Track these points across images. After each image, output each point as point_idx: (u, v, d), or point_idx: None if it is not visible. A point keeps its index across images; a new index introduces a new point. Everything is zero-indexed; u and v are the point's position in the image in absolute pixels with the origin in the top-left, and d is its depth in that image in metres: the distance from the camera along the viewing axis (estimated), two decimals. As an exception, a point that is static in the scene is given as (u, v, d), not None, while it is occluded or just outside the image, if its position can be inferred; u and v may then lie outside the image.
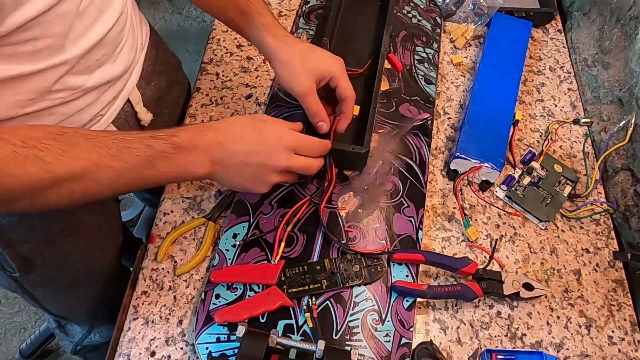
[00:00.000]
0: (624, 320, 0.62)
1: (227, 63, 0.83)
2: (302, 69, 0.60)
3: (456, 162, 0.70)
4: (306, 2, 0.91)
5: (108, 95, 0.58)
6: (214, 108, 0.78)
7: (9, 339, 1.38)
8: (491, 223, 0.69)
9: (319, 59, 0.61)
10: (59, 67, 0.49)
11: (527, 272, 0.65)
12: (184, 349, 0.57)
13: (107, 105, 0.58)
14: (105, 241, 0.72)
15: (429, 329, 0.60)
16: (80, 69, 0.52)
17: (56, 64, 0.48)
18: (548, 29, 0.93)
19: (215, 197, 0.68)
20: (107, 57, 0.55)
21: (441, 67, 0.85)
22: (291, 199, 0.65)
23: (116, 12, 0.54)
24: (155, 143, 0.46)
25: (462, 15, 0.89)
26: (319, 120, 0.62)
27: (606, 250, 0.68)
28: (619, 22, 0.77)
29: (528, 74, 0.86)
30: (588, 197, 0.72)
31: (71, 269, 0.69)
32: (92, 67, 0.53)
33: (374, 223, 0.64)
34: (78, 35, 0.49)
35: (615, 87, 0.76)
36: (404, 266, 0.61)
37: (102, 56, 0.54)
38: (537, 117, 0.80)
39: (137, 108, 0.64)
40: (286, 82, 0.61)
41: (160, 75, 0.70)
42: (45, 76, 0.48)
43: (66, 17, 0.46)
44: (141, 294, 0.61)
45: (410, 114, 0.75)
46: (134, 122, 0.65)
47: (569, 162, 0.75)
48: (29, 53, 0.45)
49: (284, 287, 0.58)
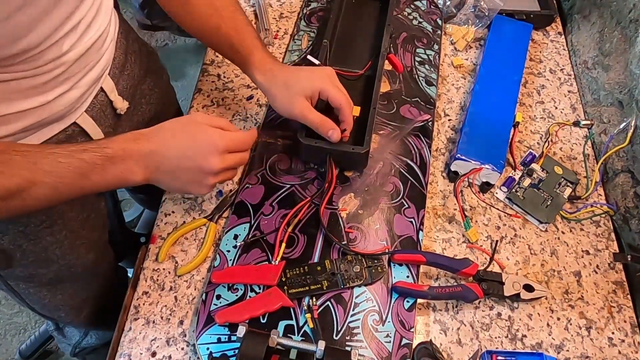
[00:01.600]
0: (624, 322, 0.62)
1: (228, 64, 0.84)
2: (290, 95, 0.63)
3: (457, 164, 0.70)
4: (307, 4, 0.91)
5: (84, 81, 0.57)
6: (215, 109, 0.78)
7: (9, 339, 1.38)
8: (491, 224, 0.69)
9: (303, 80, 0.64)
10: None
11: (528, 274, 0.65)
12: (184, 350, 0.57)
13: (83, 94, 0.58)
14: (89, 236, 0.71)
15: (430, 330, 0.60)
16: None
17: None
18: (548, 31, 0.93)
19: (216, 197, 0.69)
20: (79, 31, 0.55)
21: (442, 69, 0.86)
22: (292, 200, 0.65)
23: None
24: (87, 156, 0.48)
25: (462, 18, 0.90)
26: (326, 130, 0.63)
27: (606, 252, 0.68)
28: (619, 25, 0.77)
29: (528, 76, 0.86)
30: (588, 199, 0.72)
31: (53, 264, 0.68)
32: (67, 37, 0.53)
33: (375, 224, 0.64)
34: None
35: (615, 90, 0.76)
36: (405, 267, 0.61)
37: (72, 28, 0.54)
38: (537, 119, 0.81)
39: (111, 97, 0.64)
40: (283, 111, 0.65)
41: (134, 64, 0.70)
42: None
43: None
44: (142, 294, 0.61)
45: (411, 115, 0.75)
46: (110, 111, 0.65)
47: (569, 164, 0.76)
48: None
49: (285, 288, 0.58)
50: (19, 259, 0.64)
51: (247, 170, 0.69)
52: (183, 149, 0.53)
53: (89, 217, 0.70)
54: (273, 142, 0.71)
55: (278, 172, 0.68)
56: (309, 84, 0.63)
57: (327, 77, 0.65)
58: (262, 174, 0.68)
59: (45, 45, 0.49)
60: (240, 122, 0.76)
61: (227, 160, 0.55)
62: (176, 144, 0.53)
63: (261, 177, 0.68)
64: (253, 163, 0.69)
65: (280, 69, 0.65)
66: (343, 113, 0.64)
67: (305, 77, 0.64)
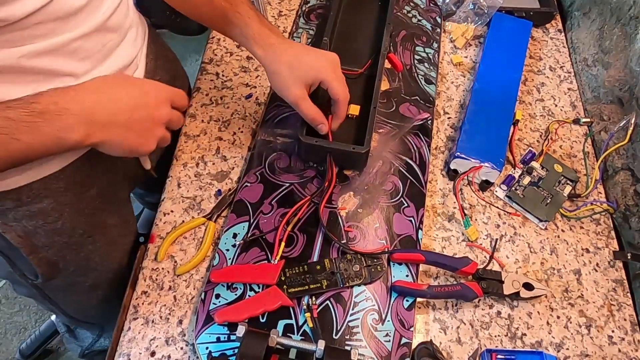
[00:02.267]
0: (624, 320, 0.62)
1: (227, 63, 0.83)
2: (291, 79, 0.61)
3: (456, 162, 0.70)
4: (306, 1, 0.91)
5: None
6: (214, 108, 0.78)
7: (9, 338, 1.38)
8: (491, 223, 0.69)
9: (307, 67, 0.61)
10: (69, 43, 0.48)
11: (527, 272, 0.65)
12: (184, 349, 0.57)
13: None
14: (123, 242, 0.72)
15: (429, 329, 0.60)
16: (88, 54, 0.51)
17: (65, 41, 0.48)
18: (548, 28, 0.93)
19: (215, 196, 0.68)
20: (115, 43, 0.55)
21: (441, 66, 0.85)
22: (291, 198, 0.65)
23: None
24: (12, 113, 0.42)
25: (462, 15, 0.89)
26: (317, 123, 0.64)
27: (606, 250, 0.68)
28: (619, 22, 0.77)
29: (528, 74, 0.86)
30: (588, 197, 0.72)
31: (92, 272, 0.69)
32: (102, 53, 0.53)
33: (374, 223, 0.64)
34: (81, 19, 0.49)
35: (615, 87, 0.76)
36: (404, 266, 0.61)
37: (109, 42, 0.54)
38: (537, 117, 0.80)
39: None
40: (278, 91, 0.63)
41: (162, 70, 0.70)
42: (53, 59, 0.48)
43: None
44: (141, 293, 0.61)
45: (410, 113, 0.75)
46: None
47: (569, 161, 0.75)
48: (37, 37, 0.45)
49: (284, 287, 0.58)
50: (62, 270, 0.64)
51: (246, 168, 0.69)
52: (134, 97, 0.49)
53: (123, 223, 0.71)
54: (272, 140, 0.71)
55: (277, 171, 0.68)
56: (311, 73, 0.61)
57: (330, 67, 0.63)
58: (261, 173, 0.68)
59: None
60: (240, 120, 0.76)
61: (172, 112, 0.53)
62: (126, 93, 0.49)
63: (260, 175, 0.67)
64: (252, 161, 0.69)
65: (283, 48, 0.62)
66: (338, 107, 0.64)
67: (309, 64, 0.62)
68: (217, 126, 0.76)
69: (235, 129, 0.75)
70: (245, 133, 0.75)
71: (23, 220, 0.56)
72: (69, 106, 0.44)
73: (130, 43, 0.59)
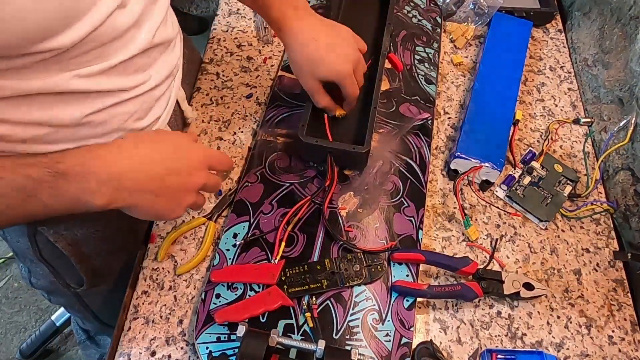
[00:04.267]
0: (624, 320, 0.62)
1: (227, 63, 0.83)
2: (310, 74, 0.63)
3: (456, 162, 0.70)
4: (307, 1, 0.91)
5: (167, 93, 0.56)
6: (214, 108, 0.78)
7: (9, 338, 1.38)
8: (491, 223, 0.69)
9: (328, 68, 0.61)
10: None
11: (528, 272, 0.65)
12: (184, 349, 0.57)
13: (167, 105, 0.57)
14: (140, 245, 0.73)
15: (429, 329, 0.60)
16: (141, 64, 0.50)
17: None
18: (548, 28, 0.93)
19: (215, 196, 0.68)
20: (161, 54, 0.54)
21: (441, 66, 0.85)
22: (291, 198, 0.65)
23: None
24: (34, 171, 0.40)
25: (462, 15, 0.89)
26: (327, 111, 0.68)
27: (606, 250, 0.68)
28: (619, 22, 0.77)
29: (528, 74, 0.86)
30: (588, 197, 0.72)
31: (129, 277, 0.69)
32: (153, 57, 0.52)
33: (374, 223, 0.64)
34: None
35: (615, 87, 0.76)
36: (404, 266, 0.61)
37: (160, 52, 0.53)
38: (537, 117, 0.80)
39: (183, 106, 0.64)
40: (295, 74, 0.65)
41: (192, 74, 0.70)
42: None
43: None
44: (141, 293, 0.61)
45: (411, 113, 0.75)
46: (181, 122, 0.66)
47: (569, 161, 0.75)
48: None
49: (284, 287, 0.58)
50: (106, 276, 0.65)
51: (246, 168, 0.69)
52: (167, 163, 0.46)
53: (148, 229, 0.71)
54: (272, 140, 0.71)
55: (277, 171, 0.68)
56: (331, 75, 0.62)
57: (351, 71, 0.63)
58: (262, 172, 0.68)
59: None
60: (240, 120, 0.76)
61: (209, 177, 0.50)
62: (159, 156, 0.46)
63: (260, 175, 0.68)
64: (252, 161, 0.69)
65: (307, 37, 0.60)
66: (345, 104, 0.68)
67: (331, 65, 0.61)
68: (217, 126, 0.76)
69: (235, 129, 0.75)
70: (245, 133, 0.75)
71: (74, 228, 0.56)
72: (96, 170, 0.42)
73: (172, 50, 0.57)
